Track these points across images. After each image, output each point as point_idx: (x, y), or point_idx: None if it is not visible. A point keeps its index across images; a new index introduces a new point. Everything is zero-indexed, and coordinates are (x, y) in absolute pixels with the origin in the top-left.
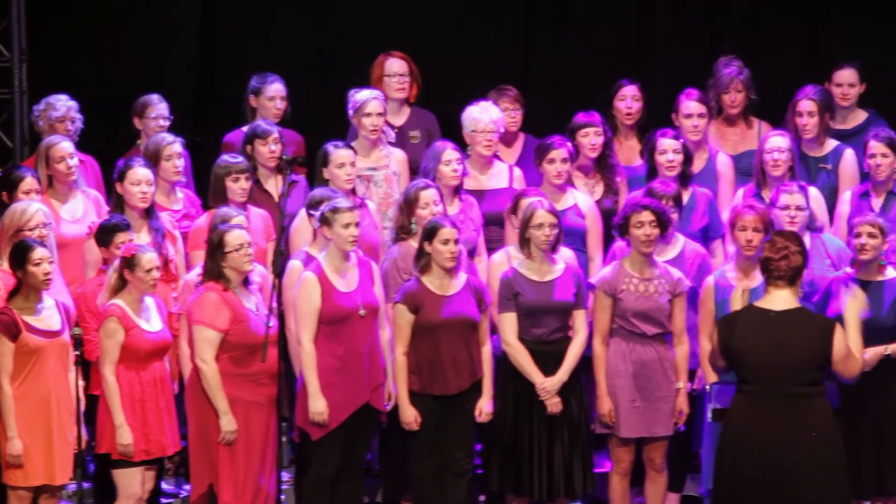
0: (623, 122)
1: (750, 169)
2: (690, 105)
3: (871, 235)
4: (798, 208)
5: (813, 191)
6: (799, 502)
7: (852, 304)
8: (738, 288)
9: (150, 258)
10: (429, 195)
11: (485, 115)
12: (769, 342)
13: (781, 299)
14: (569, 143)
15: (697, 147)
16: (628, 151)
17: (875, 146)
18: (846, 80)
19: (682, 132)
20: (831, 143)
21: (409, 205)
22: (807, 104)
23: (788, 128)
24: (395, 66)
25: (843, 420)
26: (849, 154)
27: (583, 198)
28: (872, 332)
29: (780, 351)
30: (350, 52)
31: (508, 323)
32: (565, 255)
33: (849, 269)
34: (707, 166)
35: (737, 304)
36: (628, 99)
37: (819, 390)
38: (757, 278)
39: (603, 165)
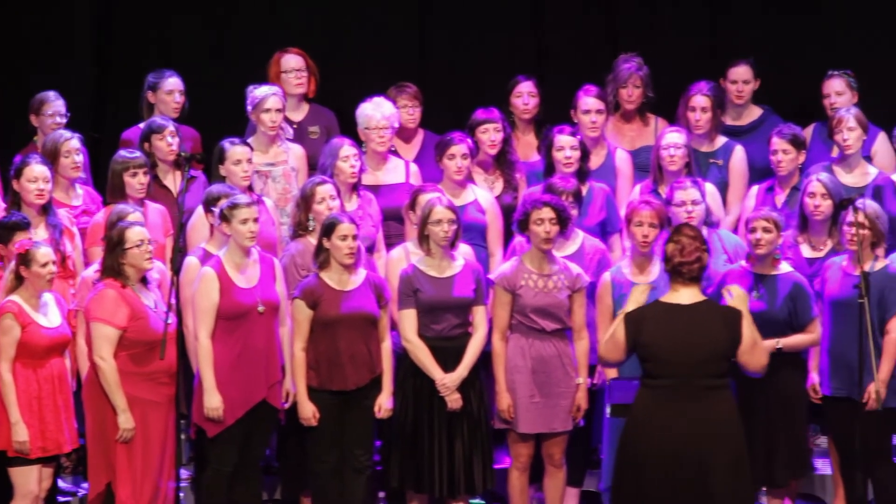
0: (520, 117)
1: (647, 165)
2: (588, 101)
3: (766, 230)
4: (694, 203)
5: (709, 186)
6: (707, 494)
7: (736, 304)
8: (641, 284)
9: (44, 252)
10: (325, 190)
11: (378, 112)
12: (680, 335)
13: (688, 294)
14: (468, 139)
15: (595, 143)
16: (526, 147)
17: (778, 142)
18: (741, 76)
19: (580, 128)
20: (721, 139)
21: (305, 201)
22: (699, 100)
23: (681, 123)
24: (292, 62)
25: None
26: (739, 150)
27: (483, 193)
28: (766, 326)
29: (692, 343)
30: (248, 49)
31: (408, 319)
32: (464, 251)
33: (744, 263)
34: (605, 162)
35: (636, 297)
36: (525, 95)
37: (725, 382)
38: (652, 273)
39: (502, 161)
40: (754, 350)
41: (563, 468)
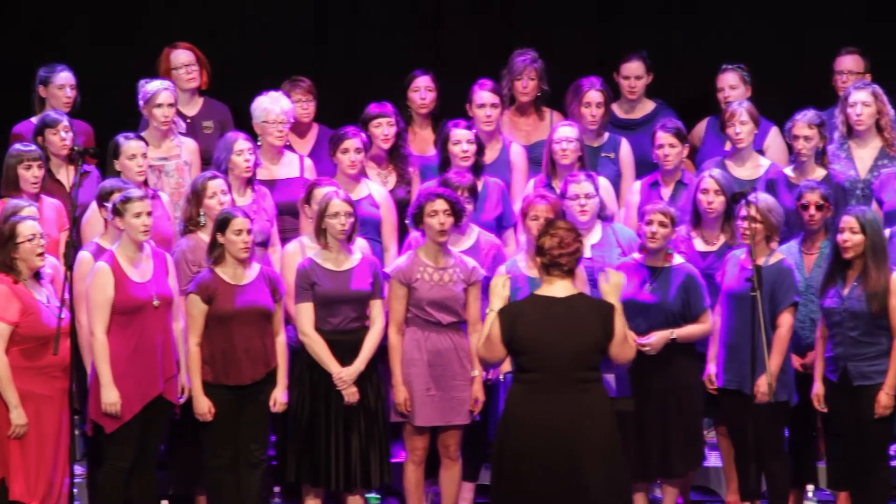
0: (417, 112)
1: (542, 159)
2: (484, 95)
3: (661, 224)
4: (587, 196)
5: (602, 180)
6: (582, 486)
7: (610, 291)
8: (499, 276)
9: None
10: (216, 185)
11: (275, 106)
12: (556, 329)
13: (562, 285)
14: (362, 134)
15: (491, 137)
16: (422, 142)
17: (663, 136)
18: (633, 72)
19: (476, 122)
20: (607, 133)
21: (196, 195)
22: (595, 95)
23: (571, 117)
24: (182, 57)
25: (634, 403)
26: (626, 144)
27: (377, 188)
28: (659, 317)
29: (567, 336)
30: (141, 43)
31: (305, 313)
32: (360, 244)
33: (636, 256)
34: (500, 156)
35: (498, 291)
36: (422, 89)
37: (598, 375)
38: None
39: (396, 156)
40: (624, 343)
41: (459, 461)
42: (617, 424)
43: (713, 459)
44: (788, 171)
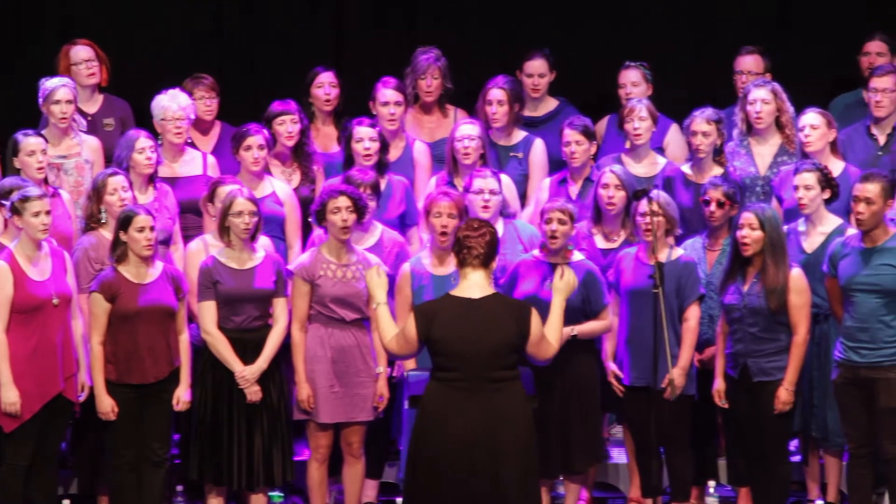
0: (320, 109)
1: (445, 156)
2: (387, 93)
3: (560, 222)
4: (492, 192)
5: (505, 178)
6: (498, 484)
7: (561, 287)
8: (373, 268)
9: None
10: (116, 182)
11: (174, 103)
12: (471, 329)
13: (477, 286)
14: (265, 131)
15: (394, 135)
16: (325, 139)
17: (570, 134)
18: (536, 70)
19: (379, 120)
20: (521, 133)
21: (97, 192)
22: (496, 93)
23: (479, 117)
24: (81, 53)
25: (536, 401)
26: (538, 143)
27: (280, 185)
28: None
29: (482, 337)
30: (42, 41)
31: (208, 311)
32: (263, 243)
33: (537, 253)
34: (404, 154)
35: (375, 282)
36: (326, 86)
37: (516, 374)
38: (452, 264)
39: (299, 153)
40: (541, 342)
41: (363, 459)
42: (539, 421)
43: (616, 456)
44: (686, 168)
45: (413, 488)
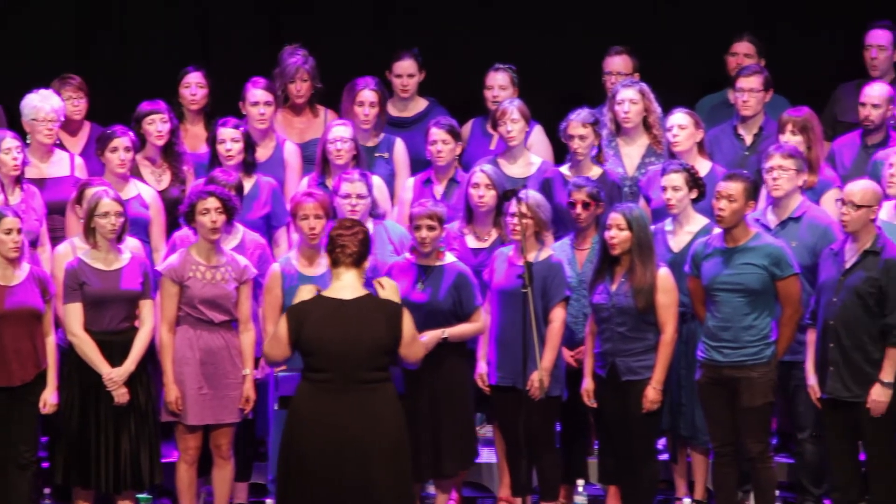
0: (189, 108)
1: (316, 157)
2: (257, 93)
3: (430, 228)
4: (359, 196)
5: (376, 179)
6: (370, 484)
7: (389, 297)
8: (306, 287)
9: None
10: None
11: (45, 104)
12: (343, 330)
13: (349, 287)
14: (131, 133)
15: (264, 135)
16: (194, 139)
17: (436, 133)
18: (405, 70)
19: (249, 120)
20: (381, 134)
21: None
22: (368, 95)
23: (346, 117)
24: None
25: (406, 403)
26: (399, 143)
27: (146, 188)
28: (431, 316)
29: (354, 338)
30: None
31: (74, 313)
32: (131, 244)
33: (408, 255)
34: (274, 154)
35: (304, 294)
36: (193, 86)
37: (387, 375)
38: (322, 265)
39: (170, 153)
40: (413, 344)
41: (231, 461)
42: (409, 424)
43: (486, 455)
44: (565, 169)
45: (285, 490)
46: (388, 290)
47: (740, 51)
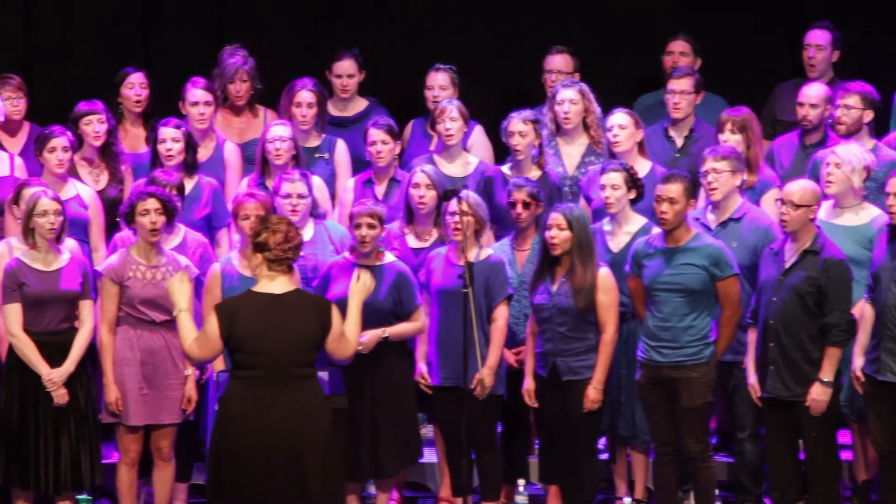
0: (130, 109)
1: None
2: (196, 93)
3: (370, 227)
4: (300, 196)
5: (316, 179)
6: (301, 480)
7: (357, 290)
8: (175, 276)
9: None
10: None
11: None
12: (274, 325)
13: (279, 282)
14: (69, 133)
15: (204, 135)
16: (134, 140)
17: (375, 134)
18: (345, 70)
19: (189, 120)
20: (321, 134)
21: None
22: (306, 95)
23: (285, 117)
24: None
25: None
26: (340, 143)
27: (84, 188)
28: (371, 316)
29: (285, 333)
30: None
31: (13, 314)
32: (70, 245)
33: (348, 255)
34: (214, 155)
35: (177, 288)
36: (136, 86)
37: (314, 371)
38: None
39: (107, 154)
40: (341, 339)
41: (172, 462)
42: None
43: (427, 455)
44: (506, 168)
45: (216, 487)
46: (361, 285)
47: (676, 49)
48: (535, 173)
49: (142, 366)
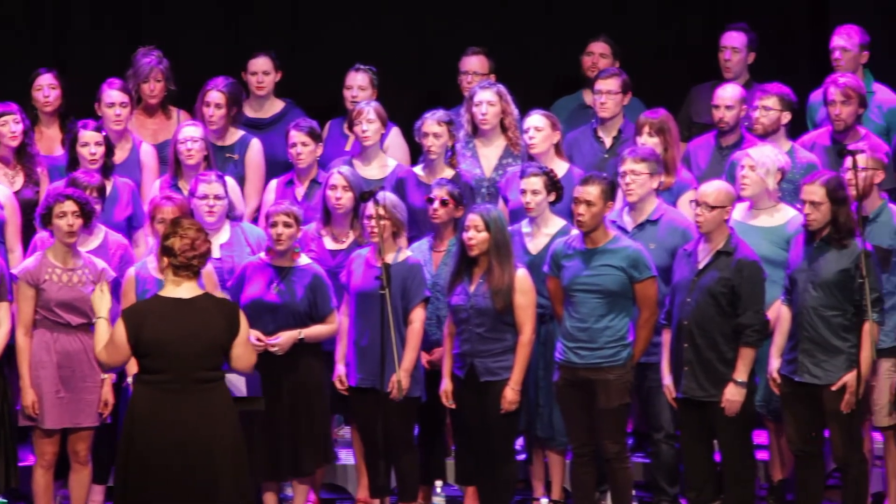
0: (42, 110)
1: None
2: (112, 94)
3: (286, 225)
4: (216, 197)
5: (231, 181)
6: (211, 483)
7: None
8: (97, 287)
9: None
10: None
11: None
12: (182, 329)
13: (187, 288)
14: None
15: (120, 137)
16: (49, 141)
17: (295, 135)
18: (260, 68)
19: (105, 121)
20: (238, 133)
21: None
22: (214, 96)
23: (197, 117)
24: None
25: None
26: (255, 143)
27: (0, 189)
28: (287, 317)
29: (193, 337)
30: None
31: None
32: None
33: (263, 256)
34: (130, 156)
35: (96, 298)
36: (45, 88)
37: (222, 375)
38: None
39: (23, 155)
40: (246, 344)
41: (89, 465)
42: (241, 424)
43: (344, 457)
44: (418, 169)
45: (123, 491)
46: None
47: (596, 50)
48: (448, 173)
49: (58, 369)
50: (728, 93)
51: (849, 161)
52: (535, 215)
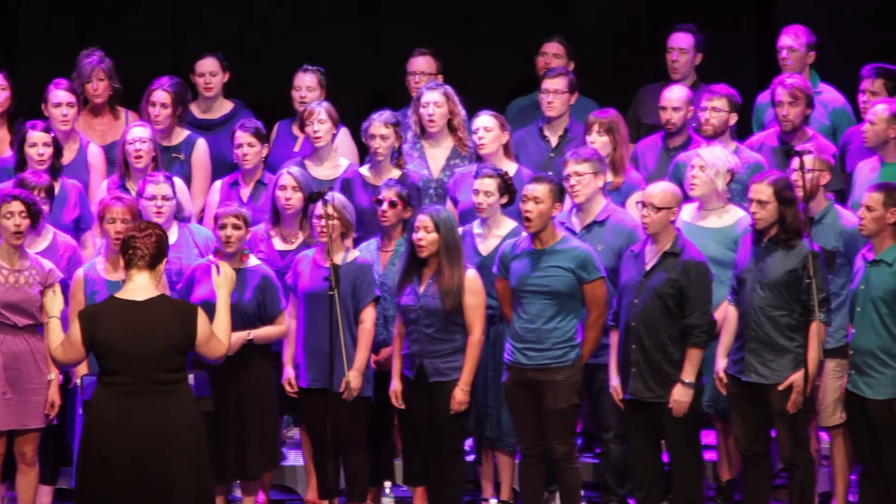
0: None
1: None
2: (59, 94)
3: (235, 227)
4: (164, 198)
5: (178, 181)
6: (169, 485)
7: (222, 283)
8: (48, 291)
9: None
10: None
11: None
12: (136, 332)
13: (143, 288)
14: None
15: (68, 137)
16: None
17: (241, 136)
18: (208, 69)
19: (52, 122)
20: (184, 133)
21: None
22: (159, 95)
23: (143, 117)
24: None
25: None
26: (201, 143)
27: None
28: (235, 318)
29: (148, 339)
30: None
31: None
32: None
33: (212, 258)
34: (78, 157)
35: (48, 299)
36: None
37: (184, 376)
38: None
39: None
40: (211, 341)
41: (36, 466)
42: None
43: (293, 458)
44: (364, 170)
45: (83, 493)
46: (224, 276)
47: (549, 51)
48: (395, 174)
49: (4, 370)
50: (675, 94)
51: (795, 162)
52: (487, 216)
